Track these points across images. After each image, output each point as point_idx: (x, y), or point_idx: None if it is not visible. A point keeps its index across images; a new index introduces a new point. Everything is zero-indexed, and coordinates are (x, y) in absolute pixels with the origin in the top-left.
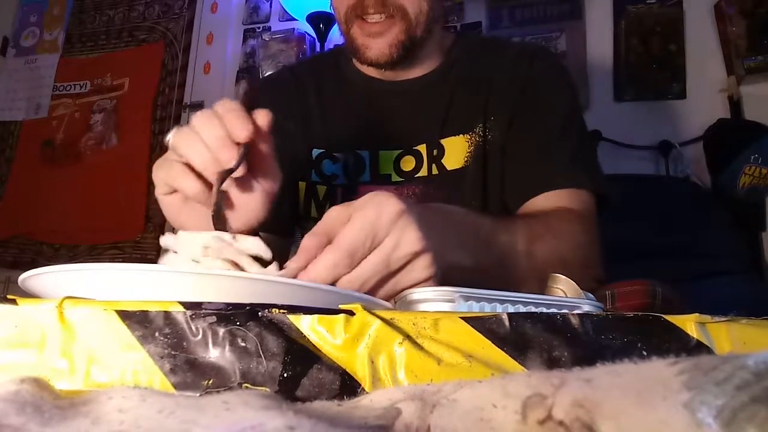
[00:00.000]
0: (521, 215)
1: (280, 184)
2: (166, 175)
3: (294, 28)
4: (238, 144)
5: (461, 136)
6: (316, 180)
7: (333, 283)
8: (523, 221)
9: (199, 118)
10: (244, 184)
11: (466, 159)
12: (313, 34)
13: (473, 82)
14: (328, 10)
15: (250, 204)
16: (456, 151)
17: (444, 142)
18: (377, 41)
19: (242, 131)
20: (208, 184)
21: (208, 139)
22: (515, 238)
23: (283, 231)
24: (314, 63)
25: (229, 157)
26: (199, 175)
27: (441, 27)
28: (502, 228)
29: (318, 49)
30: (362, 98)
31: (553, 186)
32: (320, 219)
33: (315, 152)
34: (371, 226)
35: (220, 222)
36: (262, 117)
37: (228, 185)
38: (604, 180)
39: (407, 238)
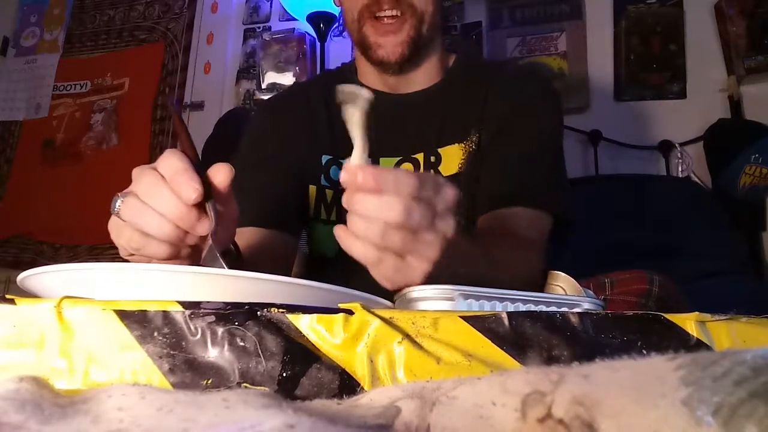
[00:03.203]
0: (486, 231)
1: (284, 188)
2: (127, 244)
3: (294, 28)
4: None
5: (456, 144)
6: (325, 184)
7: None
8: (488, 240)
9: (143, 185)
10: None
11: (459, 165)
12: (313, 34)
13: (470, 97)
14: (328, 10)
15: (220, 235)
16: (451, 159)
17: (441, 150)
18: (389, 39)
19: (191, 194)
20: (174, 244)
21: (163, 209)
22: (484, 257)
23: (291, 229)
24: (322, 78)
25: (192, 223)
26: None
27: (443, 46)
28: (477, 247)
29: (318, 48)
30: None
31: (517, 202)
32: (329, 221)
33: (324, 158)
34: (437, 183)
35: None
36: (221, 174)
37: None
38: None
39: (449, 221)
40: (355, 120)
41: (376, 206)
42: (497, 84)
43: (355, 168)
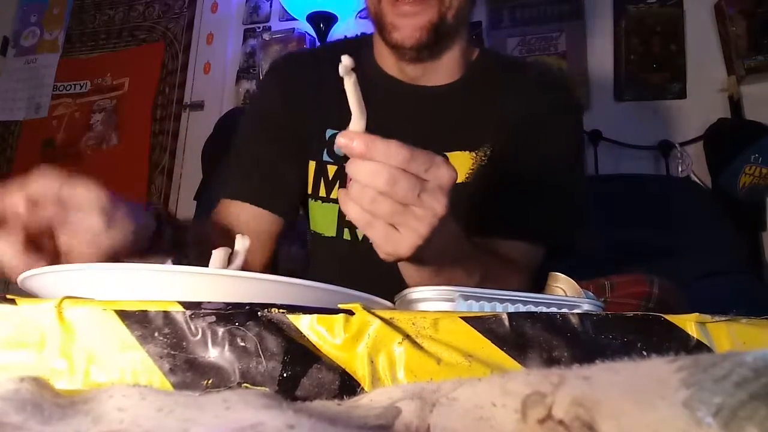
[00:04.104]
0: (488, 252)
1: (284, 167)
2: None
3: (294, 28)
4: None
5: (467, 152)
6: (327, 160)
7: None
8: (489, 262)
9: None
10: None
11: (467, 175)
12: (313, 34)
13: (488, 102)
14: (328, 10)
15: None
16: (459, 166)
17: (450, 155)
18: (408, 21)
19: None
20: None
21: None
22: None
23: (282, 211)
24: (338, 47)
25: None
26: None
27: (467, 38)
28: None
29: None
30: (377, 94)
31: (515, 236)
32: (328, 198)
33: (329, 132)
34: (431, 160)
35: None
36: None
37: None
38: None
39: (439, 199)
40: (349, 88)
41: (367, 172)
42: (519, 93)
43: (351, 134)
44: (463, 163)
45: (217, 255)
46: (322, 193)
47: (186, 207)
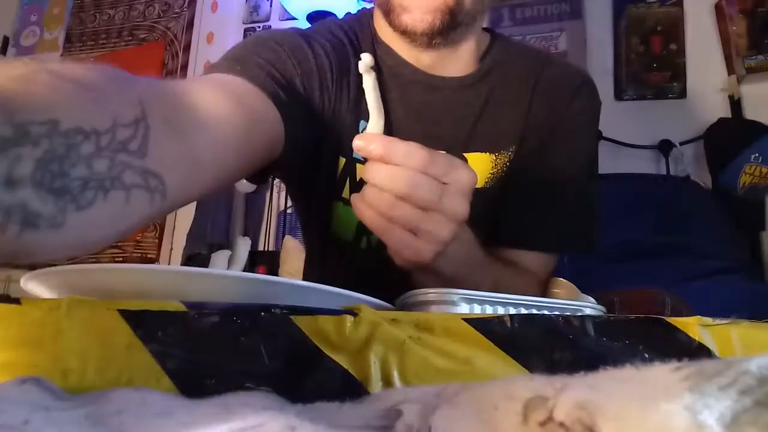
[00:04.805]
0: (499, 260)
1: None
2: None
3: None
4: None
5: (487, 154)
6: (357, 158)
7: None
8: (500, 270)
9: None
10: None
11: (487, 180)
12: None
13: (509, 99)
14: (327, 10)
15: None
16: (478, 170)
17: (468, 156)
18: (420, 1)
19: None
20: None
21: None
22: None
23: (288, 124)
24: (363, 24)
25: None
26: None
27: (481, 27)
28: (491, 269)
29: None
30: (390, 81)
31: (530, 246)
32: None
33: (361, 125)
34: (451, 163)
35: None
36: None
37: None
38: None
39: (461, 203)
40: (368, 87)
41: (385, 176)
42: (543, 91)
43: (369, 136)
44: (483, 166)
45: (219, 257)
46: (346, 193)
47: (185, 206)
